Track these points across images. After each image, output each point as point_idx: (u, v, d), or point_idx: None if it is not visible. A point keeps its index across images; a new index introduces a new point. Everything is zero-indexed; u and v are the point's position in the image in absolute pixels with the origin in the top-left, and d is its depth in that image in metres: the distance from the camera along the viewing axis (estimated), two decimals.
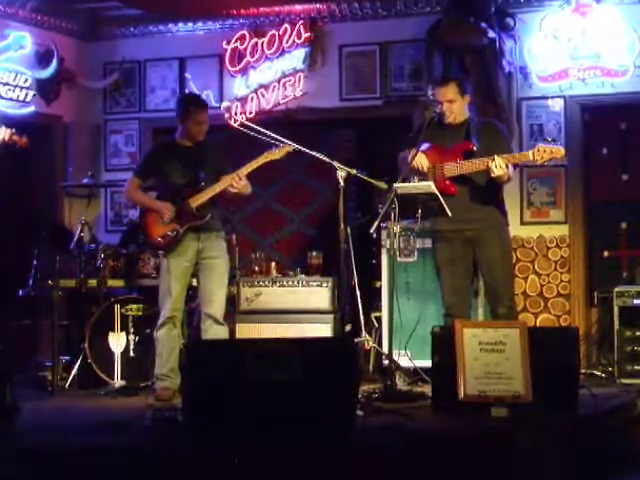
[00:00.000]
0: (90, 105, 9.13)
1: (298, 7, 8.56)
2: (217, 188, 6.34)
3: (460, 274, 6.15)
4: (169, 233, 6.38)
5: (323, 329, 7.19)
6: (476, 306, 6.99)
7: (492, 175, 5.91)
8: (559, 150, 5.88)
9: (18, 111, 8.27)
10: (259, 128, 6.40)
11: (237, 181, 6.30)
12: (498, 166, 5.86)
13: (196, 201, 6.35)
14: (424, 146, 6.12)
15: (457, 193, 6.08)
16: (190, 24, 8.92)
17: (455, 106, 6.15)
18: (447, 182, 6.09)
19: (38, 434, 4.79)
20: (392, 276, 6.40)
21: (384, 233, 7.19)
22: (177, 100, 6.94)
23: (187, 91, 8.67)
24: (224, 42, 8.73)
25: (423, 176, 6.14)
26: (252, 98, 8.68)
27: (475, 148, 6.05)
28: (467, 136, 6.14)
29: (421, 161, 6.10)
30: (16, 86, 8.28)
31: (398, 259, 6.95)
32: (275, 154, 6.35)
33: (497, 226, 6.19)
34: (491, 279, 6.19)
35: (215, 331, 6.29)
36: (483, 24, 7.86)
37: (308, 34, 8.53)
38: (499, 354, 5.20)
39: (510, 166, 6.00)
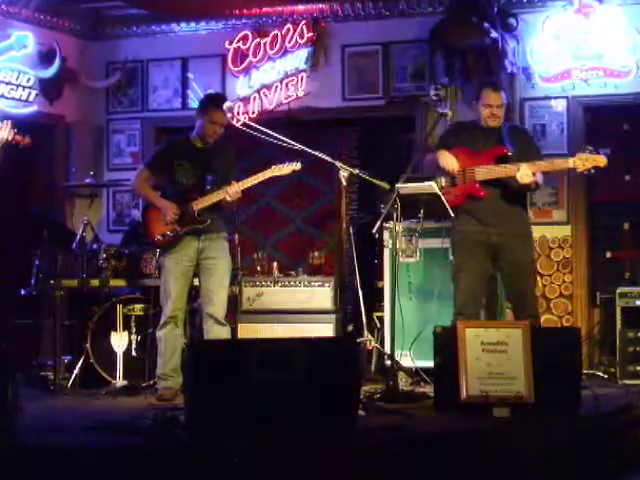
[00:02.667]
0: (93, 105, 9.13)
1: (301, 7, 8.56)
2: (221, 195, 6.33)
3: (478, 276, 6.19)
4: (168, 233, 6.38)
5: (325, 329, 7.20)
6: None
7: (518, 183, 5.95)
8: (602, 159, 5.92)
9: (21, 110, 8.27)
10: (262, 128, 6.41)
11: (232, 194, 6.28)
12: (524, 175, 5.93)
13: (199, 205, 6.34)
14: (456, 148, 6.17)
15: (486, 197, 6.10)
16: (193, 24, 8.92)
17: (502, 111, 6.23)
18: (477, 185, 6.14)
19: (40, 433, 4.78)
20: (394, 276, 6.40)
21: (386, 233, 7.19)
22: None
23: (190, 91, 8.70)
24: (227, 42, 8.73)
25: (451, 177, 6.16)
26: (255, 98, 8.68)
27: (510, 153, 6.09)
28: (501, 140, 6.19)
29: (452, 163, 6.13)
30: (19, 85, 8.28)
31: (400, 259, 6.94)
32: (282, 170, 6.35)
33: (523, 233, 6.28)
34: (516, 288, 6.25)
35: (217, 331, 6.29)
36: (486, 24, 7.85)
37: (311, 34, 8.53)
38: (501, 354, 5.20)
39: (539, 174, 6.03)
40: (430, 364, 5.73)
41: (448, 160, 6.14)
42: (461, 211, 6.23)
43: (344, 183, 6.13)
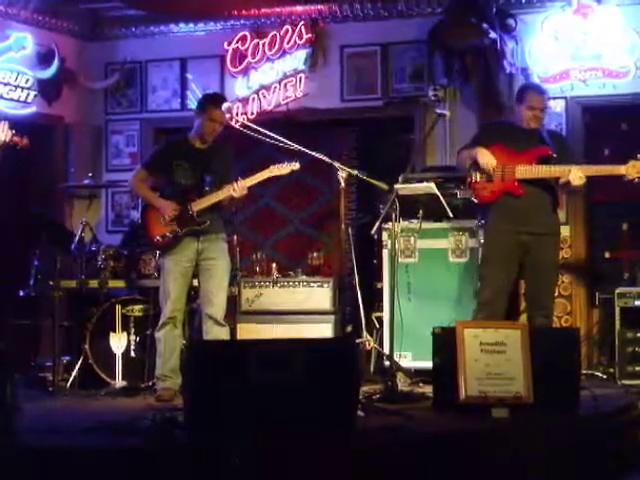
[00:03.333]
0: (91, 106, 9.13)
1: (299, 8, 8.57)
2: (220, 195, 6.33)
3: (505, 274, 6.26)
4: (168, 234, 6.37)
5: (324, 330, 7.19)
6: None
7: (571, 185, 6.13)
8: None
9: (19, 111, 8.27)
10: (260, 129, 6.40)
11: (238, 190, 6.28)
12: (577, 177, 6.09)
13: (198, 205, 6.34)
14: (494, 147, 6.24)
15: (523, 195, 6.18)
16: (191, 25, 8.92)
17: (544, 114, 6.39)
18: (516, 183, 6.22)
19: (39, 434, 4.78)
20: (393, 277, 6.40)
21: (385, 234, 7.18)
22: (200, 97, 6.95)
23: (189, 92, 8.70)
24: (225, 43, 8.73)
25: (487, 174, 6.21)
26: (253, 99, 8.68)
27: (554, 155, 6.21)
28: (543, 142, 6.29)
29: (490, 160, 6.20)
30: (17, 86, 8.28)
31: (399, 260, 6.94)
32: (281, 169, 6.36)
33: (554, 234, 6.38)
34: (537, 286, 6.32)
35: (216, 332, 6.29)
36: (484, 25, 7.86)
37: (309, 35, 8.53)
38: (500, 355, 5.20)
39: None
40: (429, 365, 5.73)
41: (487, 157, 6.23)
42: (495, 208, 6.33)
43: (343, 184, 6.13)
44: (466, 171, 6.37)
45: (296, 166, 6.38)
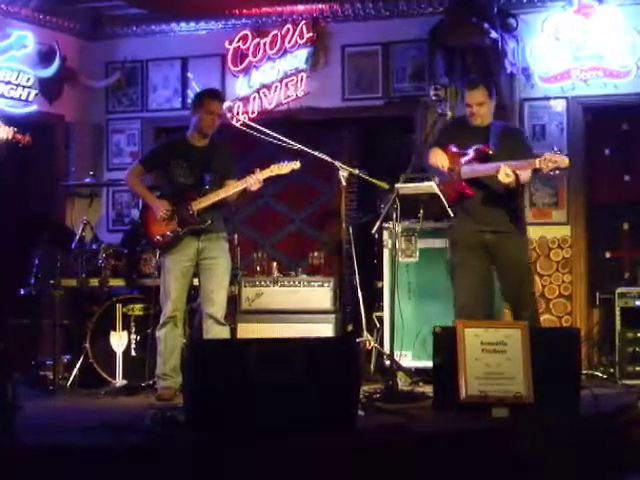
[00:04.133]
0: (92, 104, 9.13)
1: (300, 7, 8.56)
2: (221, 194, 6.33)
3: (477, 274, 6.16)
4: (168, 233, 6.37)
5: (324, 329, 7.20)
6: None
7: (500, 183, 5.92)
8: (563, 160, 5.85)
9: (20, 110, 8.27)
10: (261, 128, 6.41)
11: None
12: (504, 173, 5.87)
13: (198, 205, 6.34)
14: (448, 146, 6.15)
15: (473, 195, 6.09)
16: (192, 24, 8.92)
17: (484, 109, 6.19)
18: (463, 184, 6.12)
19: (39, 433, 4.78)
20: (394, 276, 6.40)
21: (386, 233, 7.19)
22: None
23: (190, 91, 8.69)
24: (226, 42, 8.73)
25: (443, 176, 6.16)
26: (254, 98, 8.68)
27: (491, 152, 6.06)
28: (487, 139, 6.15)
29: (442, 161, 6.12)
30: (18, 85, 8.28)
31: (400, 259, 6.94)
32: (281, 169, 6.35)
33: (517, 232, 6.21)
34: (511, 286, 6.21)
35: (216, 331, 6.29)
36: (485, 25, 7.85)
37: (310, 34, 8.53)
38: (500, 354, 5.20)
39: (525, 174, 5.98)
40: (429, 364, 5.73)
41: (438, 157, 6.14)
42: (457, 209, 6.23)
43: (344, 183, 6.13)
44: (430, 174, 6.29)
45: (297, 165, 6.38)
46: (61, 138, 8.91)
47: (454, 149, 6.17)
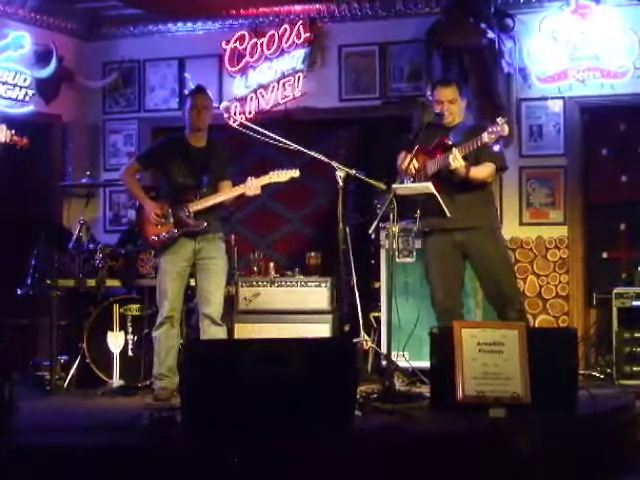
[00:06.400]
0: (89, 105, 9.13)
1: (298, 7, 8.56)
2: (219, 198, 6.32)
3: (450, 271, 6.12)
4: (164, 234, 6.36)
5: (321, 329, 7.20)
6: (472, 307, 7.02)
7: (450, 168, 5.89)
8: (504, 128, 5.76)
9: (17, 110, 8.27)
10: (258, 128, 6.40)
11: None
12: (454, 158, 5.86)
13: (195, 207, 6.33)
14: (418, 148, 6.11)
15: (440, 192, 6.00)
16: (189, 24, 8.92)
17: (455, 107, 6.19)
18: (430, 184, 6.04)
19: (36, 434, 4.78)
20: (391, 276, 6.39)
21: (383, 233, 7.19)
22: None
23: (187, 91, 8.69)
24: (223, 42, 8.73)
25: (415, 179, 6.15)
26: (251, 98, 8.68)
27: (450, 142, 6.04)
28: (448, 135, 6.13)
29: (411, 164, 6.10)
30: (15, 85, 8.28)
31: (397, 259, 6.94)
32: (280, 177, 6.34)
33: (487, 227, 6.16)
34: (490, 282, 6.15)
35: (213, 331, 6.28)
36: (482, 25, 7.86)
37: (307, 34, 8.53)
38: (497, 355, 5.19)
39: (483, 168, 5.96)
40: (426, 364, 5.73)
41: (403, 161, 6.15)
42: (427, 208, 6.14)
43: (341, 183, 6.12)
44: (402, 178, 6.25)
45: (296, 173, 6.37)
46: (58, 138, 8.91)
47: (420, 150, 6.13)
